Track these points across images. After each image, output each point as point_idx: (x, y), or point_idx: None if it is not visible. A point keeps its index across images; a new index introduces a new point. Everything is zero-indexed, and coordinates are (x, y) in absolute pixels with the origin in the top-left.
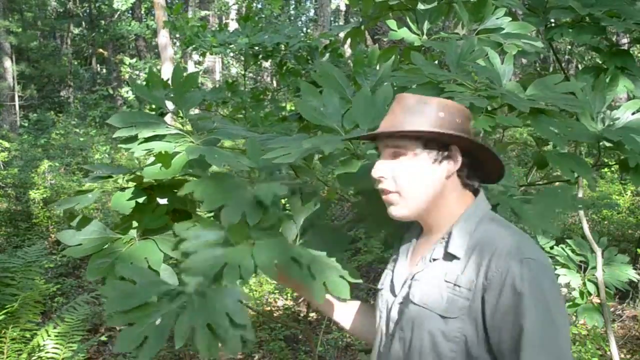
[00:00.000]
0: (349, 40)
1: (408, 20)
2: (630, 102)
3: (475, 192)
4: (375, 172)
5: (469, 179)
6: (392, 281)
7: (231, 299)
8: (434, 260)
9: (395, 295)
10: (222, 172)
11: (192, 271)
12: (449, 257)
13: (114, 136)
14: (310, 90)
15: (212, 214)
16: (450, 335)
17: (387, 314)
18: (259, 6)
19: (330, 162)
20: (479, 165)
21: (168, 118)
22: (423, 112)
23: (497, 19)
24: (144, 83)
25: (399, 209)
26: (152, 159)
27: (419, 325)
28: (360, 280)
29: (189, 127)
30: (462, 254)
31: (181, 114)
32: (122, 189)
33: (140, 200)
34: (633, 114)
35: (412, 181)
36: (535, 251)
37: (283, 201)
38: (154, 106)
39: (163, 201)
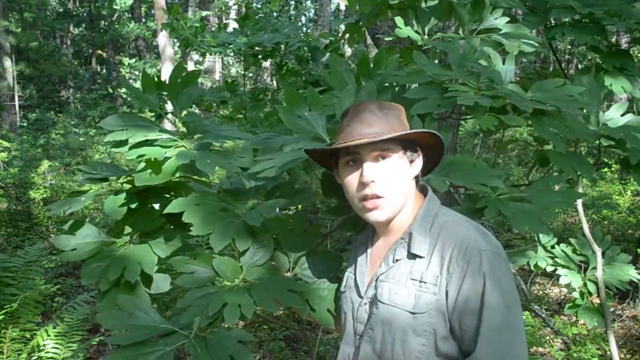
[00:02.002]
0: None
1: (413, 20)
2: (618, 104)
3: (423, 190)
4: (368, 176)
5: (420, 178)
6: (355, 283)
7: (231, 341)
8: (397, 260)
9: (360, 297)
10: (211, 194)
11: (190, 310)
12: (412, 257)
13: (105, 140)
14: (294, 96)
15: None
16: (420, 330)
17: (354, 315)
18: (258, 5)
19: (313, 169)
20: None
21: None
22: (394, 116)
23: (495, 19)
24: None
25: (384, 213)
26: (143, 163)
27: (390, 324)
28: None
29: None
30: (425, 253)
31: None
32: (116, 192)
33: (133, 205)
34: (622, 115)
35: (399, 183)
36: (490, 243)
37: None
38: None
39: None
